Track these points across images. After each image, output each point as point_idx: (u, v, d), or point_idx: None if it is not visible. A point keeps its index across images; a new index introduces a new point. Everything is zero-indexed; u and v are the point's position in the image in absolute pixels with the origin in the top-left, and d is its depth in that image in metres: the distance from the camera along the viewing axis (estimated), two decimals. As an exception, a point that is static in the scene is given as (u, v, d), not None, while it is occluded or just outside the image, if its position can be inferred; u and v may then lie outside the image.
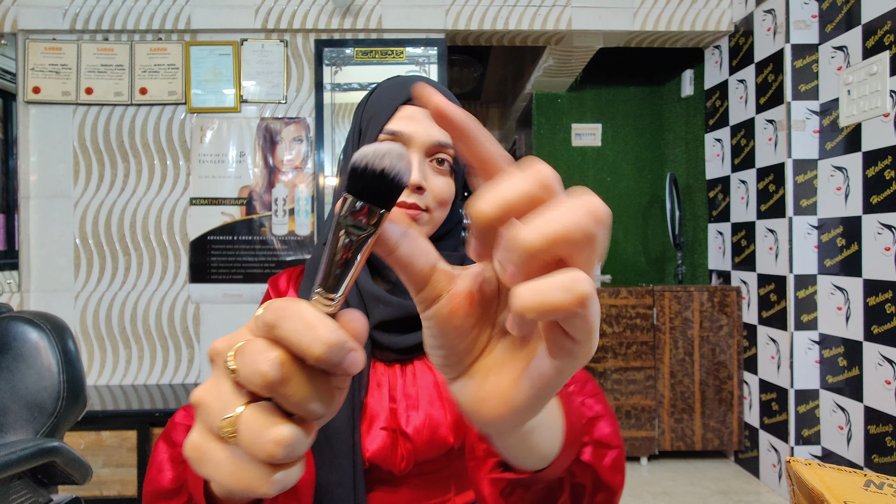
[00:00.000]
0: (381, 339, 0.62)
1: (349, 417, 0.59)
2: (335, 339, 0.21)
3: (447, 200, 0.66)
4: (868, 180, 1.88)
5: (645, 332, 2.49)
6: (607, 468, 0.41)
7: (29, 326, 1.16)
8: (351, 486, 0.57)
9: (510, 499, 0.41)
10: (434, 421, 0.60)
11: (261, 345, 0.22)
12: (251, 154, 2.41)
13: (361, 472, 0.58)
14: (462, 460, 0.65)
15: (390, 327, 0.62)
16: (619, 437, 0.43)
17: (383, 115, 0.63)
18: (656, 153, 3.46)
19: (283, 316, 0.22)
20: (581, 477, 0.40)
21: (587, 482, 0.40)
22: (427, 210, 0.64)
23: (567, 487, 0.40)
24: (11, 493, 1.07)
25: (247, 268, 2.40)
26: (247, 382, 0.22)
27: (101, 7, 2.38)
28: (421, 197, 0.63)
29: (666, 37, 2.61)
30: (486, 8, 2.47)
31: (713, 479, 2.34)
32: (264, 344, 0.22)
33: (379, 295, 0.62)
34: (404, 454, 0.60)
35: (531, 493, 0.40)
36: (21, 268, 2.34)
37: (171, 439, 0.51)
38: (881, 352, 1.82)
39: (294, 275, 0.73)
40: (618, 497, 0.43)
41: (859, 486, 1.26)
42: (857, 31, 1.93)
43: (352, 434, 0.58)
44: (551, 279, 0.19)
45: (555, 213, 0.19)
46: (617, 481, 0.42)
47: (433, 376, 0.63)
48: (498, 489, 0.41)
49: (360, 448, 0.58)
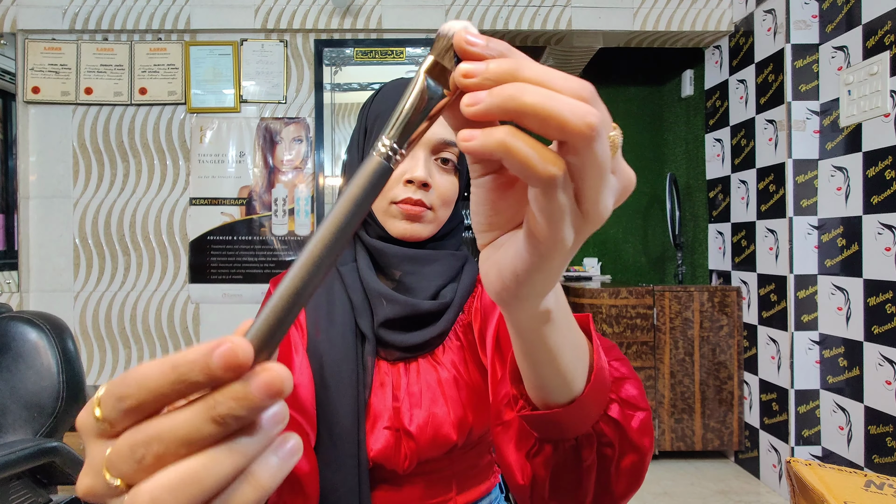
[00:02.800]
0: (386, 336, 0.62)
1: (353, 417, 0.59)
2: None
3: (451, 199, 0.66)
4: (868, 180, 1.88)
5: (645, 333, 2.49)
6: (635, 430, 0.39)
7: (28, 326, 1.16)
8: (356, 484, 0.57)
9: (536, 459, 0.40)
10: (437, 419, 0.60)
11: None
12: (251, 154, 2.41)
13: (366, 471, 0.58)
14: (464, 460, 0.65)
15: (395, 325, 0.62)
16: (646, 400, 0.42)
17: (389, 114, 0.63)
18: (656, 153, 3.46)
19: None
20: (609, 435, 0.38)
21: (615, 441, 0.39)
22: (432, 208, 0.64)
23: (594, 444, 0.39)
24: (11, 494, 1.07)
25: (247, 268, 2.39)
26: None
27: (100, 7, 2.38)
28: (426, 194, 0.63)
29: (666, 37, 2.61)
30: (486, 8, 2.47)
31: (713, 480, 2.34)
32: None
33: (384, 293, 0.62)
34: (408, 453, 0.60)
35: (559, 453, 0.39)
36: (20, 268, 2.34)
37: None
38: (881, 352, 1.82)
39: None
40: (647, 460, 0.41)
41: (860, 487, 1.26)
42: (858, 31, 1.93)
43: (356, 433, 0.58)
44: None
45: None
46: (646, 444, 0.40)
47: (436, 374, 0.63)
48: (524, 452, 0.41)
49: (364, 447, 0.59)
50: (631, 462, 0.40)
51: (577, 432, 0.38)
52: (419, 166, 0.62)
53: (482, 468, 0.68)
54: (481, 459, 0.67)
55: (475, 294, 0.67)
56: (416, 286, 0.64)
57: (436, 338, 0.63)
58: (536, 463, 0.40)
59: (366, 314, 0.63)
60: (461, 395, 0.62)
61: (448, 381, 0.62)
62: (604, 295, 2.50)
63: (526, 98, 0.21)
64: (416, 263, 0.65)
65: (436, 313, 0.63)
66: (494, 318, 0.60)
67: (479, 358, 0.64)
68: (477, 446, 0.65)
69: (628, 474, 0.40)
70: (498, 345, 0.57)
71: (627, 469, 0.40)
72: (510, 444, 0.43)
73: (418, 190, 0.62)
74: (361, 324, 0.63)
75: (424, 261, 0.65)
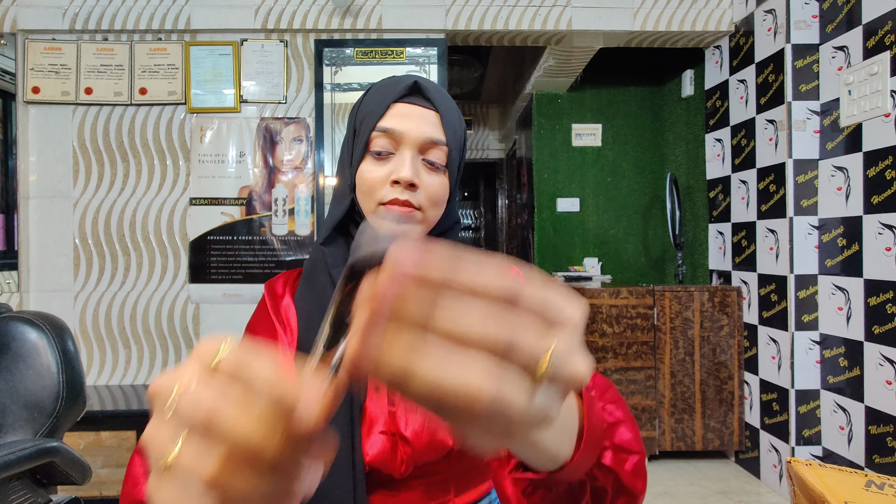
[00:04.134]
0: None
1: (348, 422, 0.58)
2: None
3: (440, 199, 0.65)
4: (869, 180, 1.88)
5: (645, 332, 2.49)
6: (628, 473, 0.41)
7: (28, 326, 1.16)
8: (351, 489, 0.57)
9: (532, 498, 0.41)
10: (433, 423, 0.60)
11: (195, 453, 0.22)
12: (251, 154, 2.41)
13: (362, 476, 0.58)
14: (462, 461, 0.64)
15: None
16: (640, 443, 0.43)
17: (376, 113, 0.63)
18: (656, 153, 3.46)
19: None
20: (602, 481, 0.40)
21: (608, 486, 0.40)
22: (420, 208, 0.63)
23: (588, 491, 0.40)
24: (11, 494, 1.07)
25: (246, 268, 2.39)
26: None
27: (100, 7, 2.38)
28: (414, 194, 0.62)
29: (666, 37, 2.61)
30: (486, 8, 2.47)
31: (714, 480, 2.34)
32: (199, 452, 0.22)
33: None
34: (404, 457, 0.59)
35: (553, 494, 0.40)
36: (20, 268, 2.34)
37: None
38: (882, 352, 1.82)
39: (291, 278, 0.72)
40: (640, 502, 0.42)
41: (860, 487, 1.26)
42: (858, 31, 1.93)
43: (351, 439, 0.58)
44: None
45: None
46: (639, 486, 0.42)
47: None
48: (520, 489, 0.41)
49: (360, 452, 0.58)
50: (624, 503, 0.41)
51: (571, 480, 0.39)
52: (405, 166, 0.61)
53: (481, 469, 0.67)
54: (480, 461, 0.67)
55: None
56: None
57: None
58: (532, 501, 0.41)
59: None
60: None
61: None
62: (604, 295, 2.50)
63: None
64: None
65: None
66: None
67: None
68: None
69: None
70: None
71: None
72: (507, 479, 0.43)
73: (405, 190, 0.61)
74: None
75: None
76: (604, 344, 2.48)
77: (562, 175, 3.45)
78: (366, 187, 0.63)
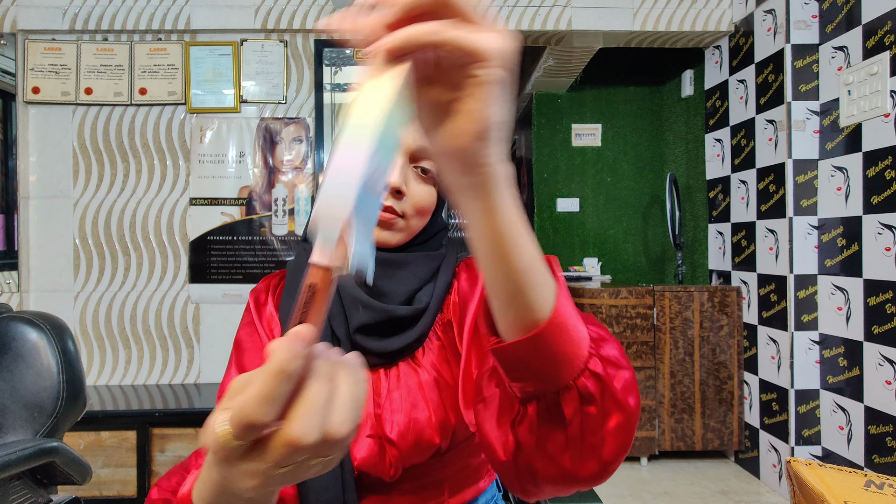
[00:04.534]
0: (363, 342, 0.61)
1: None
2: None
3: (426, 209, 0.64)
4: (868, 180, 1.88)
5: (645, 332, 2.49)
6: (619, 389, 0.38)
7: (28, 326, 1.16)
8: (340, 494, 0.56)
9: (520, 427, 0.40)
10: (418, 424, 0.59)
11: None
12: (251, 154, 2.41)
13: (351, 481, 0.57)
14: (454, 463, 0.64)
15: (371, 331, 0.61)
16: (628, 360, 0.40)
17: None
18: (656, 153, 3.46)
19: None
20: (592, 390, 0.37)
21: (598, 396, 0.38)
22: (403, 216, 0.62)
23: (577, 399, 0.38)
24: (11, 494, 1.07)
25: (246, 268, 2.39)
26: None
27: (100, 7, 2.38)
28: (399, 202, 0.61)
29: (666, 37, 2.61)
30: (486, 8, 2.47)
31: (713, 480, 2.34)
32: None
33: (359, 298, 0.61)
34: (392, 460, 0.59)
35: (541, 412, 0.39)
36: (20, 268, 2.34)
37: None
38: (881, 352, 1.82)
39: (273, 284, 0.71)
40: (634, 421, 0.39)
41: (860, 487, 1.26)
42: (858, 31, 1.93)
43: None
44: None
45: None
46: (631, 403, 0.39)
47: (417, 377, 0.62)
48: (507, 423, 0.41)
49: (348, 457, 0.58)
50: (617, 423, 0.39)
51: (557, 381, 0.37)
52: (395, 171, 0.60)
53: (474, 468, 0.67)
54: (472, 460, 0.66)
55: (453, 289, 0.66)
56: (389, 290, 0.63)
57: (413, 342, 0.62)
58: (521, 430, 0.40)
59: (340, 319, 0.62)
60: (442, 397, 0.61)
61: (429, 384, 0.61)
62: (604, 295, 2.50)
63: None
64: (388, 267, 0.63)
65: (412, 318, 0.62)
66: (473, 305, 0.59)
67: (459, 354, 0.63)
68: (465, 447, 0.64)
69: (615, 436, 0.39)
70: (476, 335, 0.56)
71: (614, 430, 0.39)
72: (491, 420, 0.43)
73: (391, 196, 0.61)
74: (337, 329, 0.62)
75: (397, 264, 0.64)
76: (604, 344, 2.48)
77: (561, 175, 3.45)
78: None
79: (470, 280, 0.64)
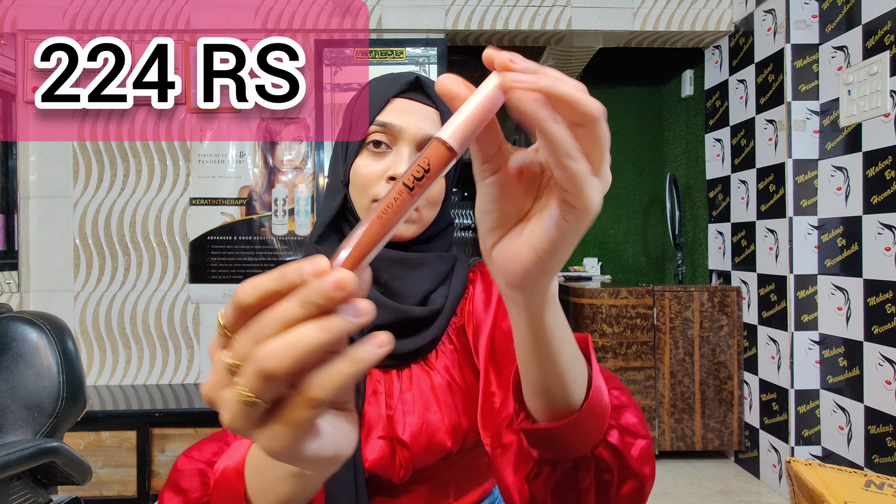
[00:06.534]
0: None
1: None
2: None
3: (436, 199, 0.64)
4: (868, 180, 1.88)
5: (645, 333, 2.49)
6: (635, 457, 0.39)
7: (29, 326, 1.16)
8: (353, 496, 0.56)
9: (535, 482, 0.40)
10: (431, 426, 0.59)
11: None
12: (251, 154, 2.41)
13: (363, 482, 0.57)
14: (461, 464, 0.64)
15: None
16: (647, 428, 0.42)
17: (375, 107, 0.61)
18: (656, 153, 3.46)
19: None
20: (608, 461, 0.39)
21: (614, 469, 0.39)
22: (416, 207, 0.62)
23: (593, 472, 0.39)
24: (11, 494, 1.07)
25: (247, 268, 2.39)
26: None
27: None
28: None
29: (666, 37, 2.61)
30: (486, 8, 2.47)
31: (713, 480, 2.34)
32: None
33: (373, 297, 0.60)
34: (402, 462, 0.58)
35: (557, 473, 0.39)
36: (21, 268, 2.34)
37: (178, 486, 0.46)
38: (881, 352, 1.82)
39: None
40: (648, 488, 0.41)
41: (859, 487, 1.26)
42: (858, 31, 1.93)
43: None
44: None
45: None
46: (646, 471, 0.40)
47: (430, 380, 0.62)
48: (523, 475, 0.41)
49: (360, 458, 0.57)
50: (631, 489, 0.40)
51: (576, 453, 0.38)
52: (402, 163, 0.59)
53: (480, 470, 0.67)
54: (478, 462, 0.66)
55: (467, 296, 0.65)
56: (403, 290, 0.62)
57: (427, 345, 0.61)
58: (536, 485, 0.40)
59: None
60: (455, 401, 0.60)
61: (441, 387, 0.61)
62: (604, 295, 2.50)
63: (561, 87, 0.25)
64: (402, 267, 0.62)
65: (427, 319, 0.61)
66: (487, 327, 0.58)
67: (472, 360, 0.63)
68: (473, 450, 0.64)
69: (628, 500, 0.40)
70: (493, 355, 0.56)
71: (627, 495, 0.40)
72: (508, 467, 0.43)
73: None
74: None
75: (411, 264, 0.63)
76: (603, 344, 2.49)
77: (562, 175, 3.45)
78: (360, 183, 0.61)
79: (485, 291, 0.63)
